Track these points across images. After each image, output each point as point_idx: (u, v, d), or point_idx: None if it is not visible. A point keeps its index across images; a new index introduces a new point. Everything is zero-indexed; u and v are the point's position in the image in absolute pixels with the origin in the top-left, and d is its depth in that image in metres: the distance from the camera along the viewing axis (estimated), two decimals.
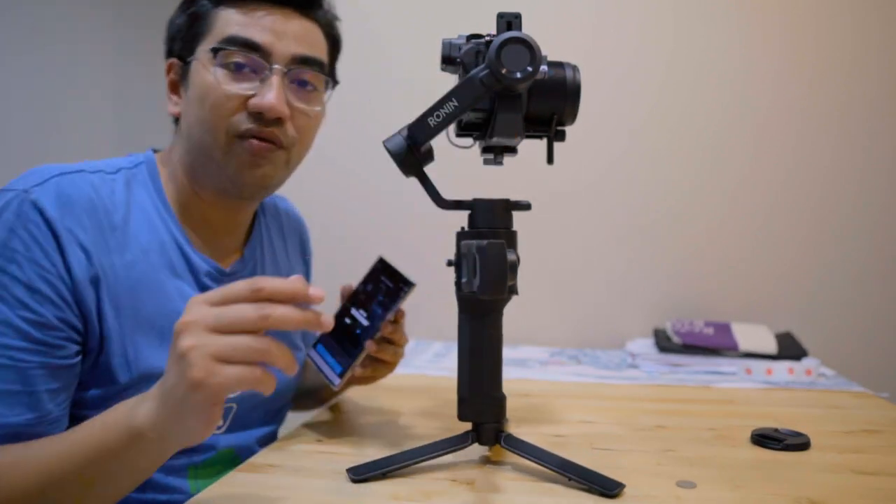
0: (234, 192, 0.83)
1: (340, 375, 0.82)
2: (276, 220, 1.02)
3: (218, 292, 0.56)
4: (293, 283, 0.56)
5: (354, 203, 1.64)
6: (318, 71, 0.83)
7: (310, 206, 1.60)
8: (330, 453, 0.79)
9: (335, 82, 0.90)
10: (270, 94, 0.77)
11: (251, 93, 0.78)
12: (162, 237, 0.80)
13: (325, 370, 0.85)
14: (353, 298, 0.87)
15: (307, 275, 1.08)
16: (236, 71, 0.78)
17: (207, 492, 0.66)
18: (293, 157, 0.84)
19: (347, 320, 0.86)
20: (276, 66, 0.78)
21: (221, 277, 0.85)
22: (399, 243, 1.60)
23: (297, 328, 0.56)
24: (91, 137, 2.24)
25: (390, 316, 0.81)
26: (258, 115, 0.78)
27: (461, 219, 0.73)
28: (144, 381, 0.74)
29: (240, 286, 0.56)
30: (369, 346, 0.82)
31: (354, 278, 0.89)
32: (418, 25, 1.60)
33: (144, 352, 0.75)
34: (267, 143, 0.79)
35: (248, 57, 0.78)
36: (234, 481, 0.70)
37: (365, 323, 0.83)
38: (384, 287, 0.83)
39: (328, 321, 0.57)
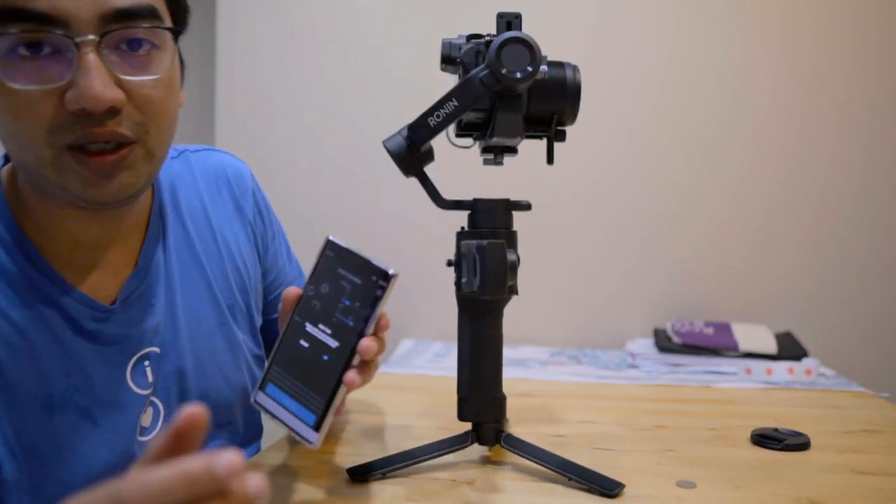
0: (93, 208, 0.62)
1: (316, 427, 0.56)
2: (192, 188, 0.79)
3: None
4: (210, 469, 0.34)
5: (354, 203, 1.64)
6: (149, 22, 0.59)
7: (309, 206, 1.61)
8: (330, 453, 0.79)
9: (180, 28, 0.65)
10: (87, 82, 0.55)
11: (63, 83, 0.56)
12: (20, 290, 0.62)
13: (289, 423, 0.58)
14: (303, 310, 0.60)
15: (253, 237, 0.85)
16: (33, 57, 0.55)
17: None
18: (153, 144, 0.62)
19: (304, 343, 0.59)
20: (83, 38, 0.55)
21: (108, 316, 0.66)
22: (399, 243, 1.60)
23: None
24: None
25: (370, 327, 0.56)
26: (83, 112, 0.56)
27: (461, 219, 0.73)
28: (37, 462, 0.61)
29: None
30: (351, 381, 0.56)
31: None
32: (418, 25, 1.60)
33: (27, 429, 0.61)
34: (108, 152, 0.58)
35: (39, 34, 0.55)
36: None
37: (333, 343, 0.57)
38: (348, 286, 0.58)
39: (259, 489, 0.35)
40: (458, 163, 0.94)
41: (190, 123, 1.80)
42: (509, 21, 0.69)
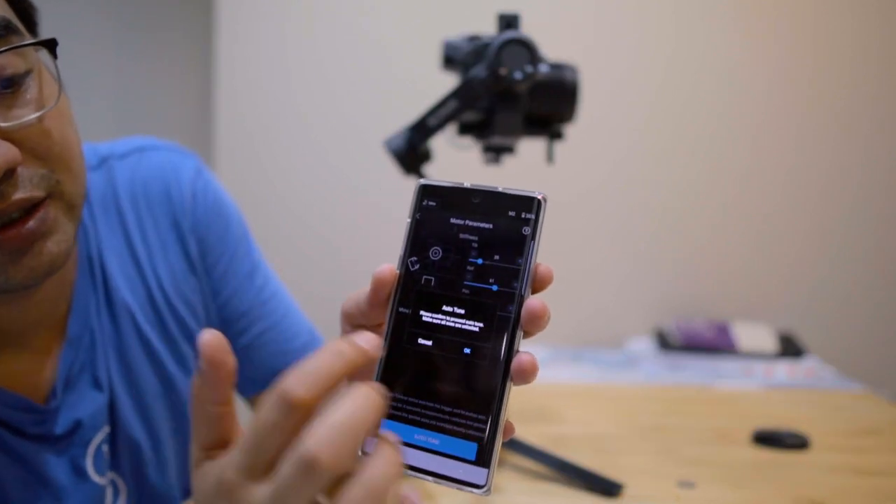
0: (21, 290, 0.50)
1: (482, 460, 0.36)
2: (114, 216, 0.63)
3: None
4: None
5: (354, 203, 1.64)
6: (7, 43, 0.45)
7: (309, 206, 1.61)
8: None
9: (52, 39, 0.49)
10: None
11: None
12: None
13: (432, 468, 0.37)
14: (410, 293, 0.41)
15: (189, 258, 0.66)
16: None
17: None
18: (70, 193, 0.49)
19: (425, 340, 0.39)
20: None
21: (49, 417, 0.55)
22: (399, 243, 1.60)
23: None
24: (89, 138, 2.24)
25: (528, 284, 0.37)
26: None
27: None
28: None
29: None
30: (526, 365, 0.38)
31: (357, 285, 0.44)
32: (419, 26, 1.60)
33: None
34: (19, 220, 0.46)
35: None
36: None
37: (474, 326, 0.38)
38: (473, 238, 0.40)
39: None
40: (458, 163, 0.94)
41: (190, 123, 1.80)
42: (509, 21, 0.69)
